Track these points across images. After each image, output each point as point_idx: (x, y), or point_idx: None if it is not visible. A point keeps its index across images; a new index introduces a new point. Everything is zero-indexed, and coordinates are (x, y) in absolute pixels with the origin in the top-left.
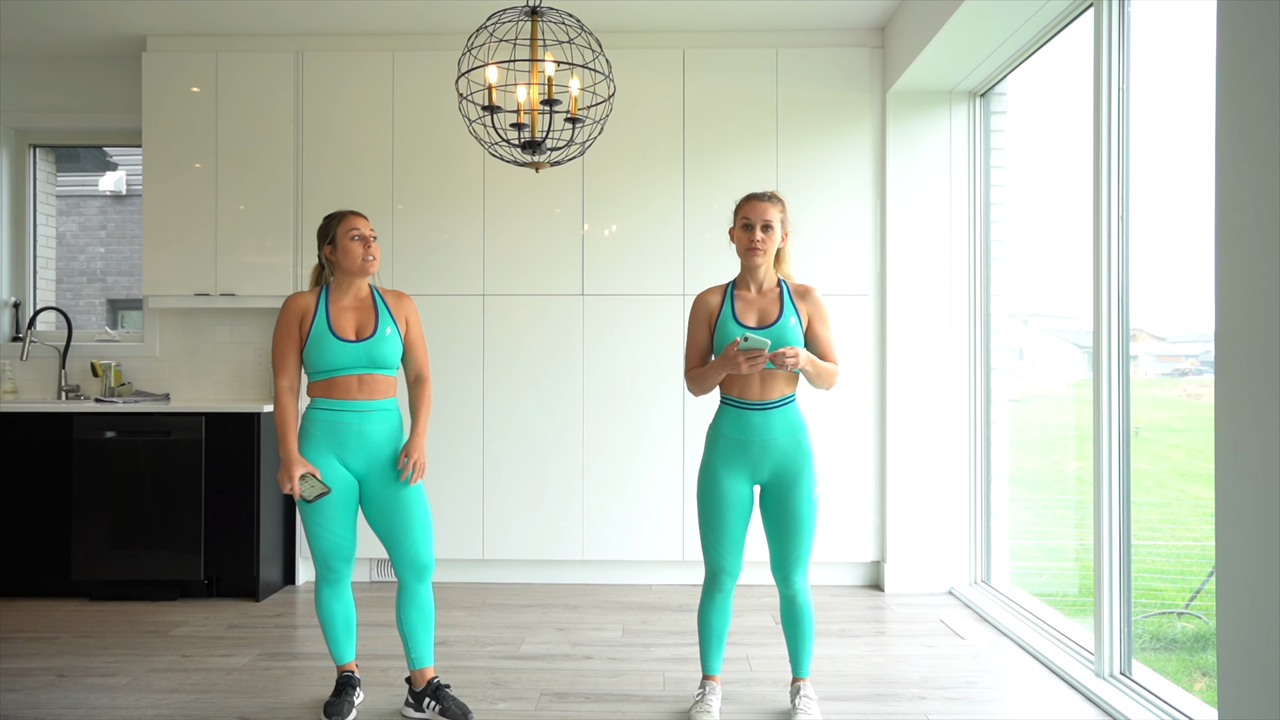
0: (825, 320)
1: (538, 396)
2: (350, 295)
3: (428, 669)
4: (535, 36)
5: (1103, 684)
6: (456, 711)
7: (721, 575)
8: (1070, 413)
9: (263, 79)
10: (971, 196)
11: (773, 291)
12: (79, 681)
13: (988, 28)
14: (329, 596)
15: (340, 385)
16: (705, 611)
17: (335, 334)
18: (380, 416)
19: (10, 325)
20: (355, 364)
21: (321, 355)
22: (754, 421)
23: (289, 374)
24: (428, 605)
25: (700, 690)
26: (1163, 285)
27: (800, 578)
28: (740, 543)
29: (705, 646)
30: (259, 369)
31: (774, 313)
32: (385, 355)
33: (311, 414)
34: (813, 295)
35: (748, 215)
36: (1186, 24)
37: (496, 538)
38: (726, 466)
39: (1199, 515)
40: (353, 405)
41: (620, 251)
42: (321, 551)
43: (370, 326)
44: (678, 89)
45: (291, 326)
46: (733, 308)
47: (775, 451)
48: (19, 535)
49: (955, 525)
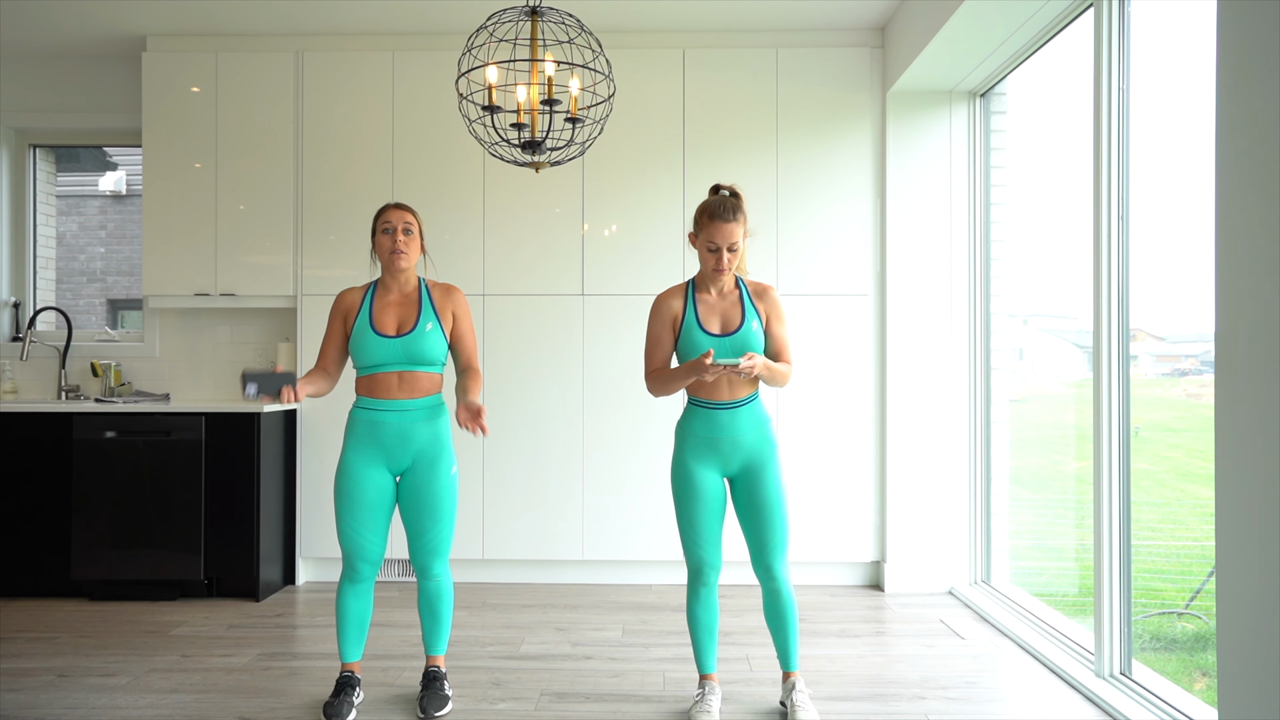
0: (782, 319)
1: (538, 396)
2: (396, 290)
3: (432, 656)
4: (535, 36)
5: (1103, 684)
6: (424, 704)
7: (704, 569)
8: (1070, 413)
9: (263, 79)
10: (971, 196)
11: (733, 294)
12: (79, 681)
13: (988, 28)
14: (348, 593)
15: (381, 383)
16: (692, 609)
17: (375, 330)
18: (421, 415)
19: (10, 325)
20: (394, 360)
21: (361, 350)
22: (722, 420)
23: (323, 360)
24: (435, 600)
25: (700, 690)
26: (1163, 285)
27: (781, 566)
28: (718, 534)
29: (698, 645)
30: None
31: (736, 318)
32: (425, 351)
33: (355, 413)
34: (770, 295)
35: (712, 239)
36: (1186, 24)
37: (496, 538)
38: (698, 460)
39: (1199, 515)
40: (393, 405)
41: (620, 251)
42: (347, 550)
43: (411, 322)
44: (678, 89)
45: (335, 321)
46: (696, 313)
47: (744, 446)
48: (19, 535)
49: (955, 525)
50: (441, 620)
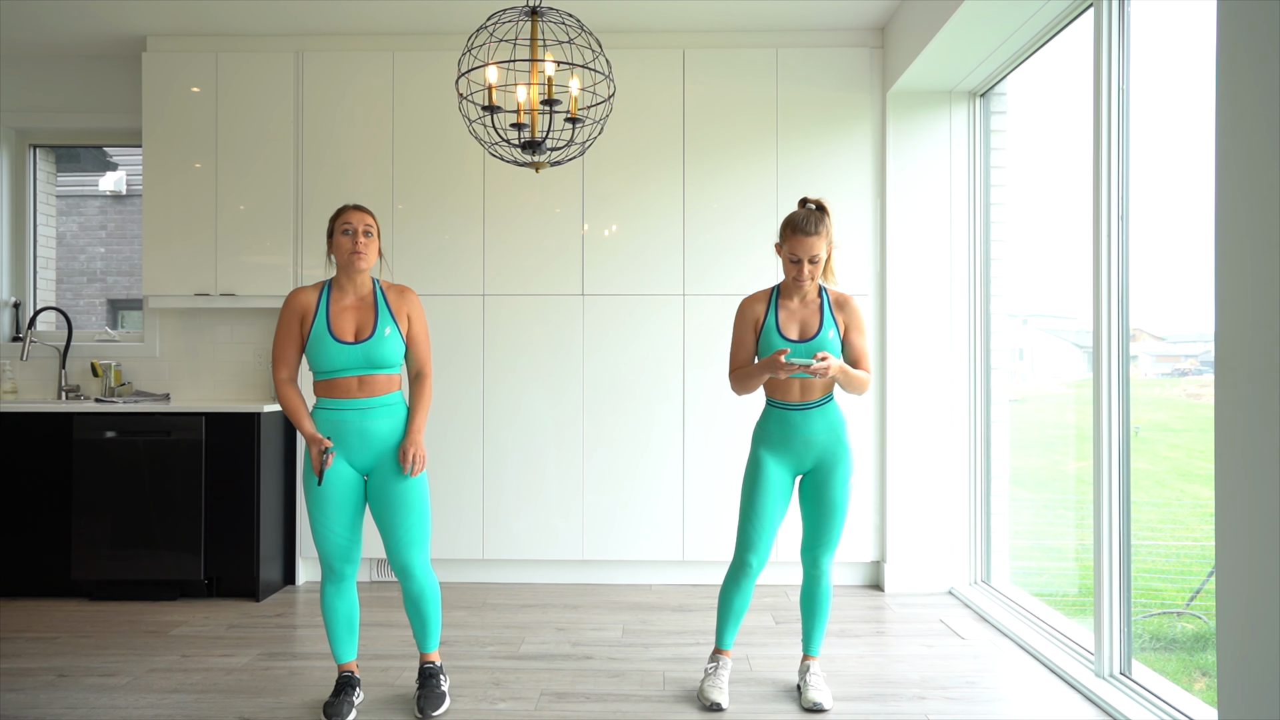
0: (860, 329)
1: (538, 397)
2: (351, 293)
3: (425, 654)
4: (535, 36)
5: (1103, 684)
6: (421, 704)
7: (749, 558)
8: (1070, 413)
9: (263, 79)
10: (971, 196)
11: (814, 302)
12: (79, 681)
13: (988, 28)
14: (331, 594)
15: (341, 385)
16: (729, 592)
17: (334, 335)
18: (382, 412)
19: (10, 325)
20: (354, 365)
21: (320, 356)
22: (795, 420)
23: (288, 367)
24: (419, 600)
25: (712, 664)
26: (1163, 285)
27: (827, 560)
28: (773, 531)
29: (723, 622)
30: (259, 369)
31: (815, 325)
32: (384, 356)
33: (315, 414)
34: (850, 305)
35: (795, 251)
36: (1186, 24)
37: (496, 538)
38: (772, 455)
39: (1199, 515)
40: (354, 404)
41: (620, 251)
42: (324, 551)
43: (369, 327)
44: (678, 89)
45: (292, 324)
46: (776, 318)
47: (816, 445)
48: (19, 535)
49: (955, 525)
50: (429, 619)
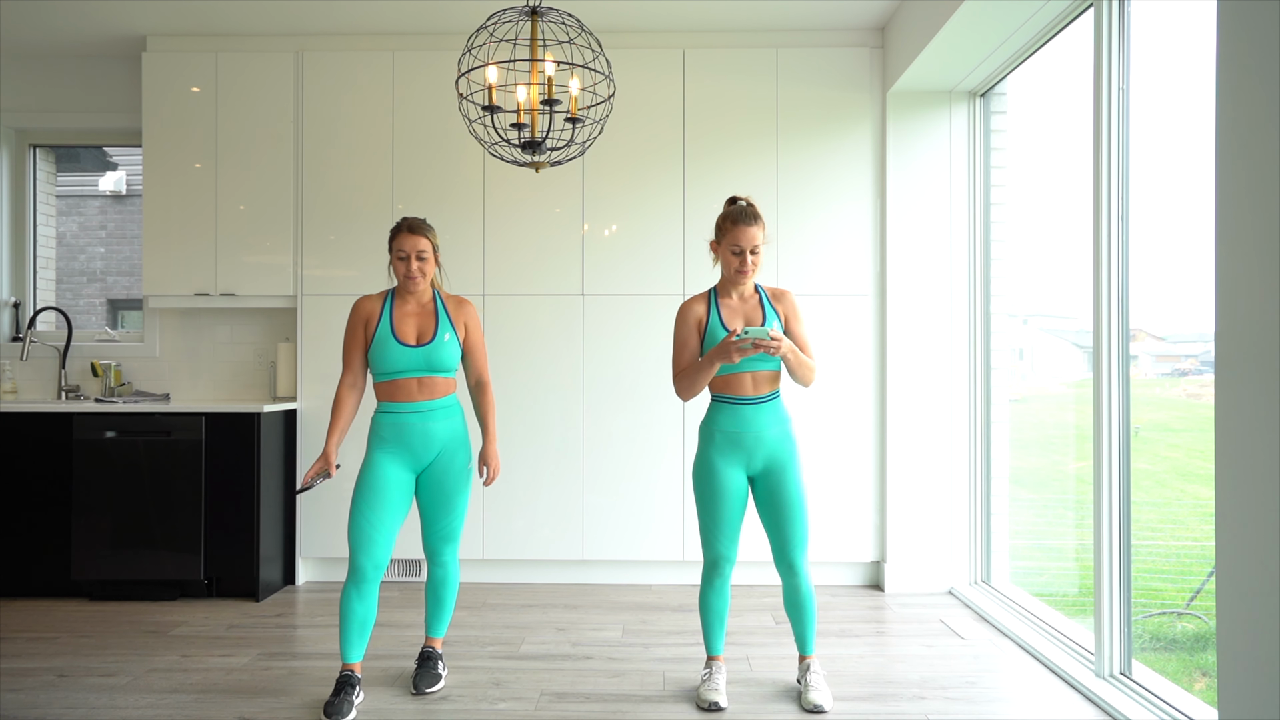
0: (800, 319)
1: (538, 396)
2: (413, 301)
3: (431, 638)
4: (535, 36)
5: (1103, 684)
6: (416, 680)
7: (721, 562)
8: (1070, 413)
9: (263, 79)
10: (971, 197)
11: (753, 298)
12: (79, 681)
13: (988, 28)
14: (353, 596)
15: (402, 388)
16: (706, 596)
17: (397, 339)
18: (441, 414)
19: (10, 325)
20: (415, 367)
21: (384, 358)
22: (747, 415)
23: (351, 372)
24: (440, 586)
25: (706, 670)
26: (1163, 285)
27: (802, 561)
28: (737, 530)
29: (708, 629)
30: (259, 369)
31: (758, 319)
32: (444, 360)
33: (378, 417)
34: (787, 297)
35: (737, 242)
36: (1186, 24)
37: (496, 538)
38: (722, 457)
39: (1199, 515)
40: (414, 407)
41: (620, 251)
42: (355, 546)
43: (430, 332)
44: (678, 89)
45: (357, 329)
46: (720, 316)
47: (767, 442)
48: (19, 535)
49: (955, 525)
50: (444, 605)
